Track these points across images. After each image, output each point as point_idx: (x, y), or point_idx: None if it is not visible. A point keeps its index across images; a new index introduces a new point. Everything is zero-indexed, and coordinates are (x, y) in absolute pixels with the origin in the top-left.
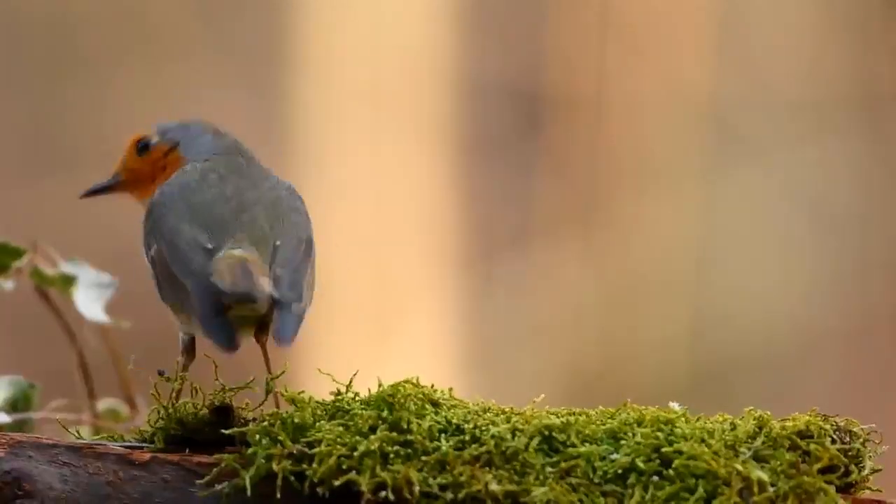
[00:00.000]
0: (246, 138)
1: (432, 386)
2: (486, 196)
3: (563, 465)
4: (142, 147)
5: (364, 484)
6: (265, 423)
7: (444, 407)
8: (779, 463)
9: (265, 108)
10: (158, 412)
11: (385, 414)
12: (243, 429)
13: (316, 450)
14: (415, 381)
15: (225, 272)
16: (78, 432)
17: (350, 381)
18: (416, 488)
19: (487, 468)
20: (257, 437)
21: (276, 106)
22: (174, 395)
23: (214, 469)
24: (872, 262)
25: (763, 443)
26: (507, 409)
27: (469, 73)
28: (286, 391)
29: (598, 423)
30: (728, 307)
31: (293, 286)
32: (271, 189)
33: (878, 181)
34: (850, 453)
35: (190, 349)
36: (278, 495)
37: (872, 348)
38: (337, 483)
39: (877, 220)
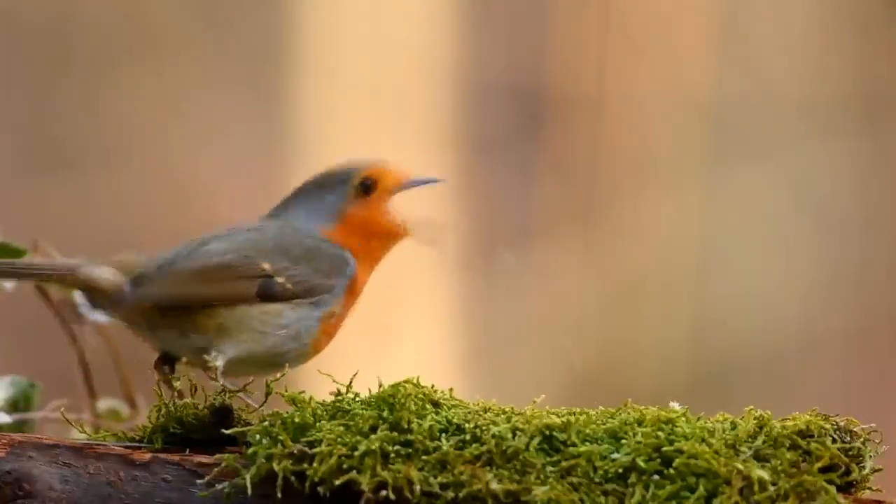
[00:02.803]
0: (246, 138)
1: (433, 386)
2: (487, 195)
3: (563, 464)
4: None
5: (365, 483)
6: (265, 423)
7: (445, 407)
8: (779, 462)
9: (265, 108)
10: (159, 409)
11: (385, 414)
12: (244, 429)
13: (316, 449)
14: (415, 381)
15: None
16: (82, 427)
17: (350, 382)
18: (417, 487)
19: (488, 467)
20: (258, 436)
21: (276, 106)
22: (175, 393)
23: (215, 469)
24: (873, 262)
25: (764, 442)
26: (507, 409)
27: (469, 72)
28: (286, 391)
29: (598, 422)
30: (728, 307)
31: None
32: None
33: (880, 181)
34: (850, 453)
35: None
36: (279, 495)
37: (873, 348)
38: (337, 482)
39: (878, 220)
